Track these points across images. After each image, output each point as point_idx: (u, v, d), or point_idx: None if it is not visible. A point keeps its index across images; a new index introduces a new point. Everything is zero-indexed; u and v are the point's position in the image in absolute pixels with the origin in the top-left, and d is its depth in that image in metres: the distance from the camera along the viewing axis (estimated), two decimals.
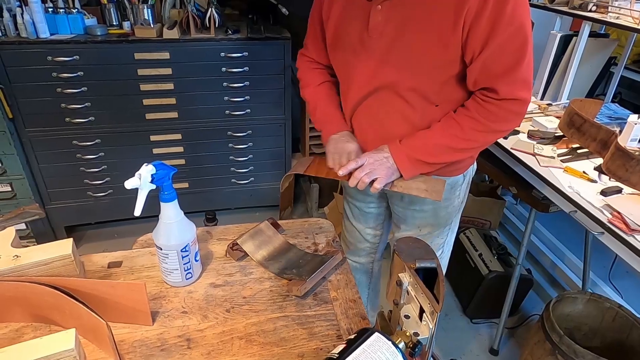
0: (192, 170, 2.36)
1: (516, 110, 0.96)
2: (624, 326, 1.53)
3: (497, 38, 0.88)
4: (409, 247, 0.67)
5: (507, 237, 2.55)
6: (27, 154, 2.08)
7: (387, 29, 0.96)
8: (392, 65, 0.98)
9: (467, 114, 0.99)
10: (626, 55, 2.02)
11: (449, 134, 1.01)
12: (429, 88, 0.99)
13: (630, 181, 1.27)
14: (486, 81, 0.94)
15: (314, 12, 1.17)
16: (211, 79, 2.14)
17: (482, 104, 0.97)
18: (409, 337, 0.60)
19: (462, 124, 0.99)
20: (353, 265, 1.47)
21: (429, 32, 0.91)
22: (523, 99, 0.95)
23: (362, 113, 1.11)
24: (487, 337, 1.96)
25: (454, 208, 1.22)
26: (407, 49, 0.95)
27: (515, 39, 0.89)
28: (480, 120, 0.97)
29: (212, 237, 1.07)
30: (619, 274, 2.09)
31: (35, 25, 1.88)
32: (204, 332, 0.81)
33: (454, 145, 1.01)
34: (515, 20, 0.87)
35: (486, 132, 1.00)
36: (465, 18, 0.87)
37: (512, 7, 0.85)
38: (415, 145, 1.03)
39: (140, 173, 0.78)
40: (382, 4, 0.95)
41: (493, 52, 0.89)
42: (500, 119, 0.97)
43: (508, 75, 0.92)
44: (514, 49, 0.90)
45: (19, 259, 0.81)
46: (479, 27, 0.87)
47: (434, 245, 1.26)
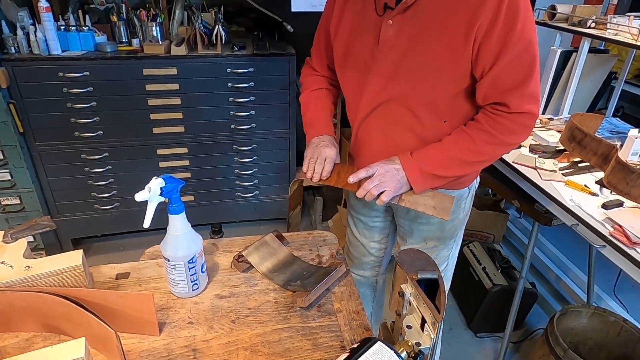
0: (198, 183, 2.38)
1: (526, 122, 0.98)
2: (629, 341, 1.52)
3: (508, 54, 0.89)
4: (411, 258, 0.69)
5: (511, 251, 2.55)
6: (37, 168, 2.12)
7: (398, 43, 0.97)
8: (402, 78, 0.99)
9: (478, 127, 1.00)
10: (626, 70, 2.05)
11: (461, 147, 1.01)
12: (439, 102, 1.00)
13: (632, 195, 1.28)
14: (496, 96, 0.96)
15: (320, 27, 1.19)
16: (217, 94, 2.18)
17: (493, 117, 0.98)
18: (411, 346, 0.62)
19: (473, 136, 1.00)
20: (357, 279, 1.47)
21: (440, 47, 0.93)
22: (532, 112, 0.96)
23: (371, 125, 1.11)
24: (491, 351, 1.95)
25: (460, 221, 1.23)
26: (417, 63, 0.96)
27: (524, 55, 0.91)
28: (492, 132, 0.98)
29: (218, 249, 1.09)
30: (624, 288, 2.08)
31: (47, 42, 1.93)
32: (209, 342, 0.83)
33: (466, 158, 1.02)
34: (524, 37, 0.89)
35: (497, 145, 1.01)
36: (477, 33, 0.88)
37: (521, 23, 0.87)
38: (427, 158, 1.03)
39: (150, 186, 0.80)
40: (393, 19, 0.96)
41: (503, 68, 0.91)
42: (511, 132, 0.99)
43: (518, 90, 0.93)
44: (523, 64, 0.91)
45: (31, 270, 0.84)
46: (489, 43, 0.89)
47: (439, 258, 1.26)
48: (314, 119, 1.20)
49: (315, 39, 1.22)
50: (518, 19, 0.87)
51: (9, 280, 0.81)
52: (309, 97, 1.23)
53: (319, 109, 1.21)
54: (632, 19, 1.66)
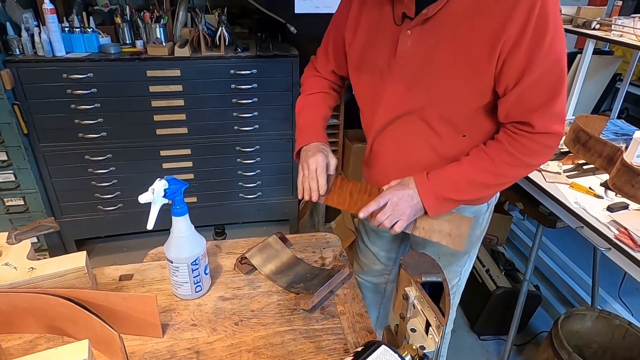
0: (201, 184, 2.38)
1: (550, 144, 0.91)
2: (634, 344, 1.51)
3: (534, 71, 0.83)
4: (416, 261, 0.69)
5: (515, 253, 2.54)
6: (41, 169, 2.13)
7: (416, 55, 0.91)
8: (420, 91, 0.94)
9: (499, 147, 0.93)
10: (631, 72, 2.04)
11: (481, 169, 0.95)
12: (458, 117, 0.95)
13: (637, 197, 1.27)
14: (520, 115, 0.89)
15: (330, 31, 1.14)
16: (221, 96, 2.18)
17: (515, 137, 0.91)
18: (415, 350, 0.61)
19: (494, 157, 0.94)
20: (365, 284, 1.44)
21: (461, 61, 0.87)
22: (558, 133, 0.90)
23: (387, 137, 1.06)
24: (495, 354, 1.94)
25: (476, 237, 1.18)
26: (436, 76, 0.91)
27: (552, 73, 0.84)
28: (514, 153, 0.92)
29: (221, 251, 1.09)
30: (629, 291, 2.06)
31: (51, 44, 1.94)
32: (212, 344, 0.82)
33: (485, 180, 0.96)
34: (553, 53, 0.82)
35: (519, 167, 0.95)
36: (502, 48, 0.82)
37: (550, 39, 0.81)
38: (444, 182, 0.97)
39: (154, 188, 0.81)
40: (412, 29, 0.90)
41: (529, 86, 0.85)
42: (534, 153, 0.92)
43: (543, 109, 0.87)
44: (550, 83, 0.85)
45: (34, 271, 0.84)
46: (515, 58, 0.83)
47: (452, 273, 1.22)
48: (305, 126, 1.13)
49: (324, 41, 1.17)
50: (547, 33, 0.80)
51: (13, 282, 0.82)
52: (304, 101, 1.17)
53: (312, 114, 1.15)
54: (637, 21, 1.66)
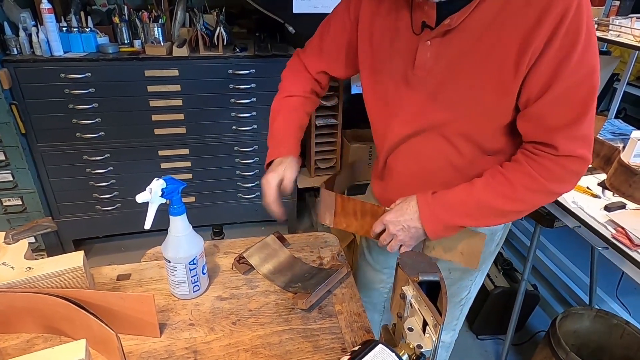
0: (199, 184, 2.38)
1: (576, 169, 0.82)
2: (632, 343, 1.51)
3: (559, 86, 0.75)
4: (413, 260, 0.69)
5: (513, 253, 2.54)
6: (39, 169, 2.12)
7: (436, 67, 0.84)
8: (441, 106, 0.86)
9: (519, 169, 0.84)
10: (628, 72, 2.04)
11: (496, 193, 0.85)
12: (482, 135, 0.87)
13: (634, 197, 1.27)
14: (542, 134, 0.80)
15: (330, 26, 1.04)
16: (219, 95, 2.18)
17: (536, 158, 0.82)
18: (412, 349, 0.61)
19: (513, 180, 0.84)
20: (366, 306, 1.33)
21: (486, 76, 0.80)
22: (584, 158, 0.80)
23: (403, 153, 0.98)
24: (493, 354, 1.94)
25: (490, 253, 1.11)
26: (458, 92, 0.84)
27: (580, 89, 0.75)
28: (535, 177, 0.82)
29: (219, 251, 1.09)
30: (626, 291, 2.06)
31: (49, 43, 1.93)
32: (210, 344, 0.82)
33: (500, 206, 0.86)
34: (583, 67, 0.74)
35: (540, 193, 0.84)
36: (530, 59, 0.75)
37: (581, 51, 0.72)
38: (450, 206, 0.88)
39: (151, 187, 0.81)
40: (432, 40, 0.83)
41: (553, 101, 0.76)
42: (558, 178, 0.82)
43: (568, 129, 0.78)
44: (579, 99, 0.76)
45: (32, 271, 0.84)
46: (539, 69, 0.75)
47: (462, 288, 1.16)
48: (277, 135, 1.05)
49: (317, 37, 1.08)
50: (577, 45, 0.72)
51: (10, 281, 0.81)
52: (281, 104, 1.08)
53: (286, 122, 1.05)
54: (635, 21, 1.66)
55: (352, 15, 0.98)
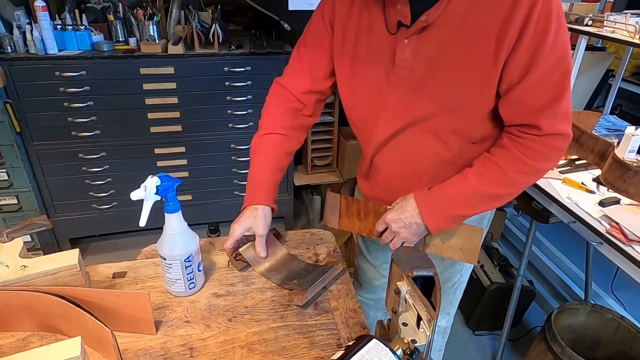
0: (196, 182, 2.38)
1: (559, 146, 0.86)
2: (626, 338, 1.52)
3: (538, 69, 0.78)
4: (407, 256, 0.69)
5: (509, 249, 2.55)
6: (34, 167, 2.12)
7: (417, 64, 0.85)
8: (425, 101, 0.88)
9: (508, 154, 0.87)
10: (623, 68, 2.05)
11: (489, 180, 0.88)
12: (467, 125, 0.90)
13: (628, 192, 1.28)
14: (526, 116, 0.84)
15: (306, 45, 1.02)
16: (215, 93, 2.18)
17: (523, 141, 0.86)
18: (406, 344, 0.62)
19: (503, 166, 0.87)
20: (367, 303, 1.38)
21: (467, 68, 0.82)
22: (566, 134, 0.85)
23: (389, 152, 0.99)
24: (489, 349, 1.95)
25: None
26: (441, 86, 0.85)
27: (557, 70, 0.79)
28: (524, 159, 0.86)
29: (215, 248, 1.09)
30: (621, 286, 2.08)
31: (44, 41, 1.92)
32: (206, 341, 0.82)
33: (495, 192, 0.89)
34: (556, 50, 0.78)
35: (530, 174, 0.89)
36: (508, 47, 0.78)
37: (554, 35, 0.76)
38: (449, 198, 0.91)
39: (146, 185, 0.80)
40: (409, 38, 0.84)
41: (533, 85, 0.80)
42: (544, 157, 0.86)
43: (550, 109, 0.82)
44: (555, 80, 0.80)
45: (27, 269, 0.83)
46: (517, 55, 0.78)
47: (454, 272, 1.19)
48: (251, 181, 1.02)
49: (294, 61, 1.04)
50: (550, 29, 0.76)
51: (5, 280, 0.81)
52: (258, 143, 1.04)
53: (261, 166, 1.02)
54: (629, 17, 1.67)
55: (327, 22, 0.97)
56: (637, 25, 1.58)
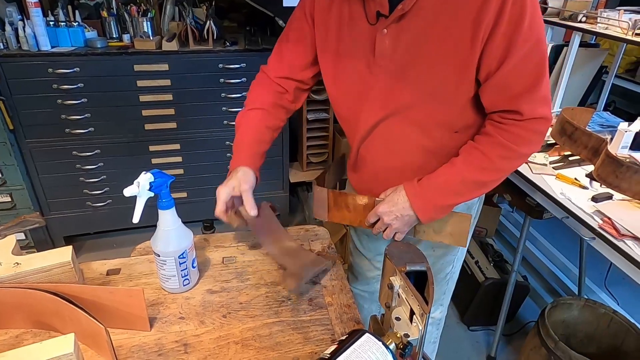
0: (191, 179, 2.37)
1: (540, 129, 0.89)
2: (619, 332, 1.54)
3: (515, 55, 0.80)
4: (400, 251, 0.69)
5: (504, 245, 2.56)
6: (27, 165, 2.10)
7: (397, 53, 0.87)
8: (406, 90, 0.90)
9: (492, 141, 0.89)
10: (616, 64, 2.06)
11: (476, 167, 0.91)
12: (447, 114, 0.91)
13: (621, 187, 1.29)
14: (506, 102, 0.86)
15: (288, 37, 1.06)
16: (209, 90, 2.17)
17: (505, 127, 0.88)
18: (399, 338, 0.62)
19: (488, 153, 0.89)
20: (361, 295, 1.41)
21: (445, 54, 0.83)
22: (546, 117, 0.87)
23: (374, 142, 1.01)
24: (484, 344, 1.96)
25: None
26: (422, 73, 0.87)
27: (533, 55, 0.82)
28: (507, 145, 0.88)
29: (210, 245, 1.09)
30: (615, 281, 2.10)
31: (36, 38, 1.91)
32: (200, 337, 0.83)
33: (482, 178, 0.92)
34: (532, 35, 0.80)
35: (514, 159, 0.91)
36: (484, 35, 0.80)
37: (529, 21, 0.78)
38: (438, 188, 0.93)
39: (139, 181, 0.80)
40: (388, 28, 0.86)
41: (511, 70, 0.82)
42: (527, 141, 0.89)
43: (529, 93, 0.84)
44: (533, 65, 0.82)
45: (20, 266, 0.83)
46: (494, 43, 0.80)
47: (445, 263, 1.21)
48: (235, 147, 1.05)
49: (276, 51, 1.09)
50: (525, 15, 0.78)
51: None
52: (242, 117, 1.08)
53: (244, 135, 1.06)
54: (622, 13, 1.67)
55: (308, 15, 1.00)
56: (630, 22, 1.59)
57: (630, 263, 1.11)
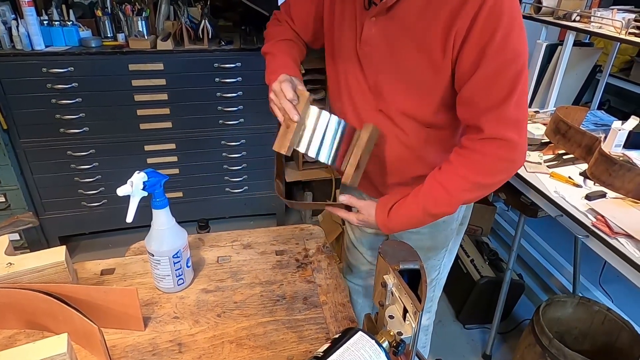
0: (186, 179, 2.37)
1: (503, 154, 0.84)
2: (613, 329, 1.55)
3: (485, 66, 0.78)
4: (394, 249, 0.69)
5: (499, 243, 2.57)
6: (22, 165, 2.09)
7: (380, 44, 0.89)
8: (383, 85, 0.92)
9: (452, 172, 0.89)
10: (610, 63, 2.07)
11: (437, 201, 0.90)
12: (420, 112, 0.92)
13: (614, 185, 1.30)
14: (472, 117, 0.85)
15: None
16: (205, 89, 2.17)
17: (465, 153, 0.87)
18: (392, 336, 0.62)
19: (448, 187, 0.88)
20: (354, 288, 1.42)
21: (420, 55, 0.84)
22: (509, 140, 0.82)
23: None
24: (479, 343, 1.97)
25: (452, 231, 1.16)
26: (398, 69, 0.89)
27: (506, 71, 0.78)
28: (467, 177, 0.86)
29: (204, 244, 1.09)
30: (609, 279, 2.11)
31: (30, 37, 1.90)
32: (195, 336, 0.83)
33: (443, 210, 0.92)
34: (506, 51, 0.77)
35: (476, 190, 0.89)
36: (455, 41, 0.79)
37: (503, 34, 0.76)
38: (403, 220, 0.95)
39: (132, 180, 0.80)
40: (376, 17, 0.87)
41: (479, 83, 0.80)
42: (488, 170, 0.86)
43: (493, 111, 0.81)
44: (504, 82, 0.79)
45: (13, 267, 0.83)
46: (465, 52, 0.79)
47: (430, 267, 1.21)
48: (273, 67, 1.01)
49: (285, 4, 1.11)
50: (499, 28, 0.75)
51: None
52: (273, 47, 1.06)
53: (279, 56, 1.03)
54: (616, 12, 1.68)
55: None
56: (623, 21, 1.60)
57: (623, 261, 1.11)
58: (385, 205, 0.96)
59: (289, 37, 1.09)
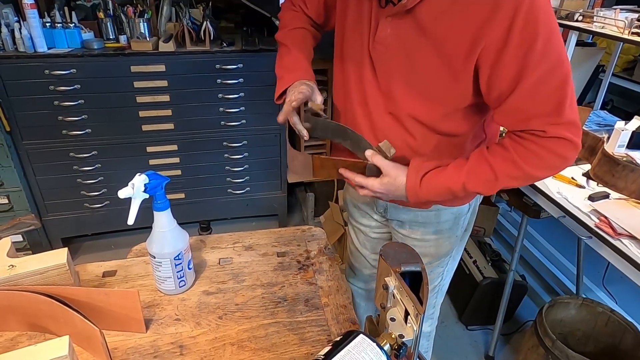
0: (188, 180, 2.37)
1: (562, 152, 0.81)
2: (616, 331, 1.54)
3: (529, 77, 0.75)
4: (395, 251, 0.69)
5: (502, 244, 2.56)
6: (24, 167, 2.10)
7: (394, 45, 0.86)
8: (395, 87, 0.90)
9: (505, 156, 0.84)
10: (613, 63, 2.06)
11: (480, 181, 0.86)
12: (431, 118, 0.90)
13: (617, 186, 1.29)
14: (525, 124, 0.81)
15: None
16: (206, 91, 2.17)
17: (524, 143, 0.82)
18: (394, 339, 0.62)
19: (497, 170, 0.84)
20: (357, 292, 1.41)
21: (439, 60, 0.81)
22: (573, 142, 0.79)
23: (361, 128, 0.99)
24: (482, 344, 1.96)
25: (457, 238, 1.14)
26: (411, 73, 0.86)
27: (553, 77, 0.76)
28: (520, 165, 0.83)
29: (206, 246, 1.09)
30: (613, 280, 2.10)
31: (33, 39, 1.91)
32: (196, 338, 0.83)
33: (482, 190, 0.89)
34: (549, 57, 0.74)
35: (522, 179, 0.86)
36: (481, 55, 0.77)
37: (543, 42, 0.73)
38: (437, 189, 0.89)
39: (134, 182, 0.80)
40: (392, 17, 0.84)
41: (528, 93, 0.77)
42: (542, 164, 0.83)
43: (551, 117, 0.78)
44: (553, 88, 0.76)
45: (15, 269, 0.83)
46: (504, 65, 0.76)
47: (433, 274, 1.19)
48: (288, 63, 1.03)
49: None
50: (538, 37, 0.72)
51: None
52: (287, 37, 1.07)
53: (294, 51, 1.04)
54: (619, 12, 1.67)
55: None
56: (626, 21, 1.59)
57: (626, 262, 1.11)
58: (418, 170, 0.90)
59: (303, 24, 1.09)
